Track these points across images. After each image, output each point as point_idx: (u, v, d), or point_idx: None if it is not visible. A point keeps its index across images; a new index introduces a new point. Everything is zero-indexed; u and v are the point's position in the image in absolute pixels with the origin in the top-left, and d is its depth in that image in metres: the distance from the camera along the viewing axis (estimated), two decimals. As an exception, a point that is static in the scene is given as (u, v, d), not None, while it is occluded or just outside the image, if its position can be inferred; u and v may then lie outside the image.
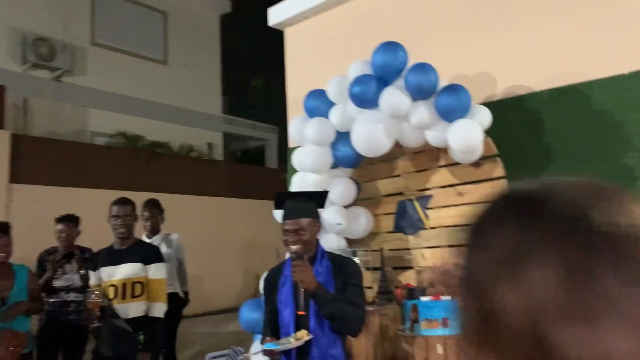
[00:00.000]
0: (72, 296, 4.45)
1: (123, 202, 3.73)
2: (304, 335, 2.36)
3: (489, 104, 3.55)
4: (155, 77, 12.35)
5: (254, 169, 14.03)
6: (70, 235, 4.55)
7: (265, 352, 2.37)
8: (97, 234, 5.20)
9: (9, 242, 3.68)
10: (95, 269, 3.64)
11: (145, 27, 12.53)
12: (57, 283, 4.40)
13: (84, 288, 4.50)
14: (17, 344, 3.43)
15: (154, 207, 4.99)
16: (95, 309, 3.37)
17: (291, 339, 2.36)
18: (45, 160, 9.27)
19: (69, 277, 4.46)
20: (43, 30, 10.34)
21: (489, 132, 3.43)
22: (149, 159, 10.71)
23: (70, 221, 4.61)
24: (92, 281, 3.64)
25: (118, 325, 3.44)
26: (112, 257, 3.61)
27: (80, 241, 4.89)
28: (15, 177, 8.75)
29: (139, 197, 3.99)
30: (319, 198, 2.83)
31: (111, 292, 3.50)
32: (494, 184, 3.51)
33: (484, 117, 3.37)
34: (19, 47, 10.14)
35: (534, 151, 3.57)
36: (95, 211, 7.15)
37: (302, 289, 2.42)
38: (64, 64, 10.54)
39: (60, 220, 4.59)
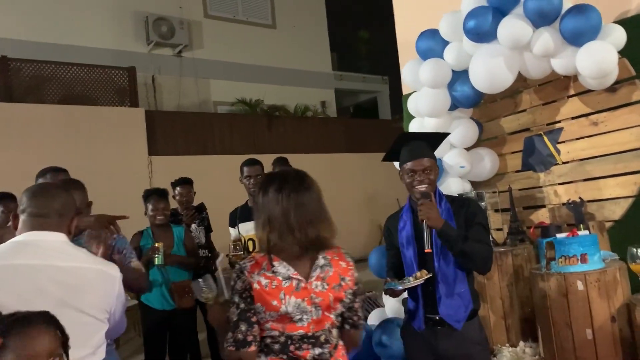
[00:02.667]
0: (200, 252, 4.81)
1: (252, 162, 3.97)
2: (423, 275, 2.38)
3: (622, 22, 3.22)
4: (266, 42, 12.67)
5: (367, 122, 14.04)
6: (189, 196, 4.80)
7: (387, 292, 2.43)
8: (227, 194, 5.57)
9: (167, 205, 4.03)
10: (234, 225, 3.94)
11: (252, -6, 12.85)
12: None
13: (208, 244, 4.87)
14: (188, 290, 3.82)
15: (284, 164, 5.19)
16: (238, 260, 3.67)
17: (411, 278, 2.39)
18: (175, 132, 10.05)
19: (194, 234, 4.80)
20: (161, 10, 11.01)
21: (624, 52, 3.13)
22: (268, 123, 11.18)
23: (187, 183, 4.83)
24: (233, 236, 3.95)
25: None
26: (247, 213, 3.87)
27: (213, 201, 5.25)
28: (153, 150, 9.59)
29: (262, 159, 4.21)
30: (437, 140, 2.80)
31: (250, 245, 3.78)
32: (632, 108, 3.22)
33: (618, 36, 3.07)
34: (142, 29, 10.91)
35: (681, 68, 3.20)
36: (224, 174, 7.67)
37: (427, 228, 2.41)
38: (182, 40, 11.17)
39: (177, 183, 4.83)
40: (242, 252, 3.68)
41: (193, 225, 4.80)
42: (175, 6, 11.26)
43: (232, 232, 3.98)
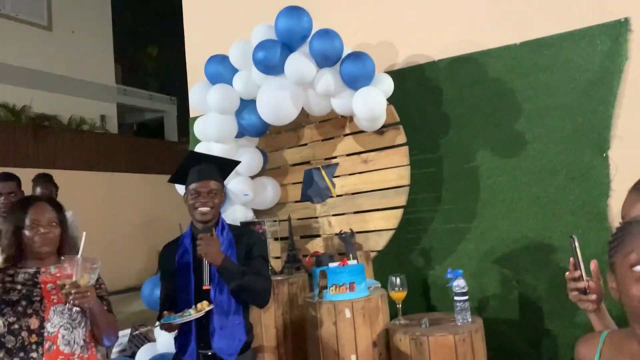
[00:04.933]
0: None
1: (6, 177, 3.43)
2: (204, 306, 2.28)
3: (391, 73, 3.61)
4: (38, 44, 11.33)
5: (152, 142, 13.48)
6: None
7: (162, 326, 2.27)
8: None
9: None
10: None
11: (23, -12, 11.41)
12: None
13: None
14: None
15: (48, 182, 4.60)
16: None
17: (191, 311, 2.28)
18: None
19: None
20: None
21: (391, 100, 3.49)
22: (35, 133, 9.91)
23: None
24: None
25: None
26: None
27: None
28: None
29: (24, 174, 3.66)
30: (228, 166, 2.75)
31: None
32: (396, 150, 3.60)
33: (387, 85, 3.42)
34: None
35: (434, 118, 3.70)
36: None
37: (207, 263, 2.33)
38: None
39: None
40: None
41: None
42: None
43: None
